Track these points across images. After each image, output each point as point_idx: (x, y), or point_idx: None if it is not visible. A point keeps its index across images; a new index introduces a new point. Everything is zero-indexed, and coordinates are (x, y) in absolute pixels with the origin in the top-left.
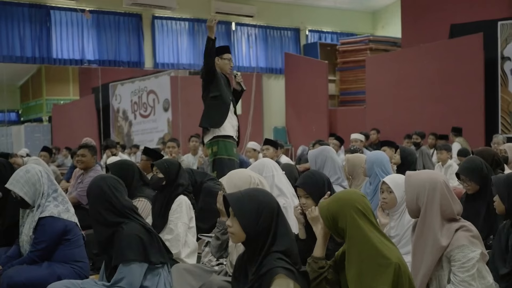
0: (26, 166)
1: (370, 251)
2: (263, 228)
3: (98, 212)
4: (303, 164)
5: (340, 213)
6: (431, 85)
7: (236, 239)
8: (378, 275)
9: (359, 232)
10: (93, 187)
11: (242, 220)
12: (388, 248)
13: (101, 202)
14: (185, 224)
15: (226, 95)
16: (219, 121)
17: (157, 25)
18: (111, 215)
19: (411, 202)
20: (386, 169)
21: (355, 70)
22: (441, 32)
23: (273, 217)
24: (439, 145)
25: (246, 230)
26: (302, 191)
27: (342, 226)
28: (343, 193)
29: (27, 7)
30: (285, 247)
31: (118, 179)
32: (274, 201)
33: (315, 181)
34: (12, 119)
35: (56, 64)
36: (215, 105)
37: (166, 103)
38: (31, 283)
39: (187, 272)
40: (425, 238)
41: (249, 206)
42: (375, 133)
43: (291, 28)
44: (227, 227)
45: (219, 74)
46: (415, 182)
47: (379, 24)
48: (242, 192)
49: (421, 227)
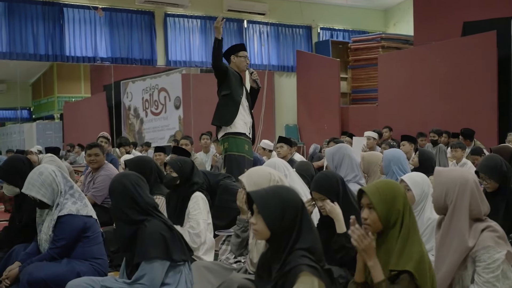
0: (38, 168)
1: (415, 235)
2: (288, 225)
3: (121, 210)
4: (316, 162)
5: (399, 195)
6: (444, 83)
7: (260, 237)
8: (407, 258)
9: (413, 215)
10: (115, 184)
11: (267, 218)
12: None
13: (125, 200)
14: (205, 221)
15: (236, 93)
16: (229, 119)
17: (169, 22)
18: (134, 213)
19: (439, 199)
20: (403, 167)
21: (367, 68)
22: (453, 30)
23: (297, 214)
24: (454, 143)
25: (271, 228)
26: (318, 194)
27: (400, 208)
28: (387, 180)
29: (40, 4)
30: (309, 244)
31: (140, 176)
32: (298, 198)
33: (329, 182)
34: (24, 117)
35: (69, 61)
36: (225, 103)
37: (177, 101)
38: (51, 279)
39: (206, 269)
40: (451, 236)
41: (274, 203)
42: (388, 131)
43: (302, 26)
44: (251, 224)
45: (231, 72)
46: (445, 178)
47: (391, 22)
48: (266, 189)
49: (448, 225)
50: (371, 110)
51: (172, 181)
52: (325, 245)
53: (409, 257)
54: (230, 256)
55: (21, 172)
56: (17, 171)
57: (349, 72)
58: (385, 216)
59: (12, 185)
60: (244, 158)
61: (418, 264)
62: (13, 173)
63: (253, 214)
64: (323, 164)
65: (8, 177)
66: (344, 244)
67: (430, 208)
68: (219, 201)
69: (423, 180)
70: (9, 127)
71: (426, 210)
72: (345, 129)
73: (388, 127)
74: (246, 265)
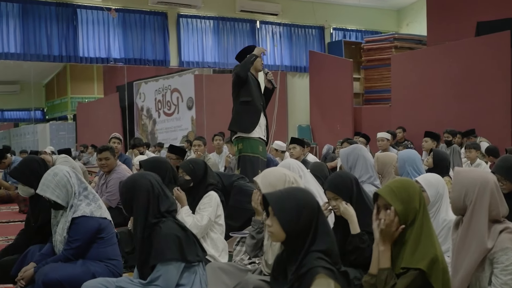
0: (53, 169)
1: (428, 236)
2: (303, 227)
3: (142, 209)
4: (329, 163)
5: (416, 194)
6: (457, 84)
7: (276, 239)
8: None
9: (426, 216)
10: (141, 182)
11: (282, 220)
12: (437, 241)
13: (150, 199)
14: (210, 220)
15: (257, 100)
16: (250, 127)
17: (182, 23)
18: (155, 213)
19: (458, 199)
20: (418, 168)
21: (380, 68)
22: (467, 30)
23: (313, 216)
24: (468, 143)
25: (286, 230)
26: (331, 194)
27: (417, 206)
28: (403, 179)
29: (54, 6)
30: (325, 247)
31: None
32: (314, 200)
33: (343, 182)
34: (38, 117)
35: (83, 62)
36: (245, 111)
37: (190, 102)
38: (66, 280)
39: (221, 270)
40: (470, 238)
41: (289, 205)
42: (401, 132)
43: (315, 26)
44: (267, 226)
45: (250, 77)
46: (465, 179)
47: (404, 22)
48: (282, 191)
49: (466, 226)
50: (384, 110)
51: (185, 184)
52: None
53: (422, 257)
54: (245, 257)
55: (36, 173)
56: (32, 172)
57: (362, 73)
58: (403, 215)
59: (27, 186)
60: (258, 159)
61: (431, 264)
62: (28, 174)
63: (268, 215)
64: (336, 165)
65: (23, 178)
66: (358, 245)
67: (446, 209)
68: (233, 202)
69: (437, 181)
70: (23, 127)
71: (441, 211)
72: (358, 130)
73: (401, 127)
74: (261, 266)
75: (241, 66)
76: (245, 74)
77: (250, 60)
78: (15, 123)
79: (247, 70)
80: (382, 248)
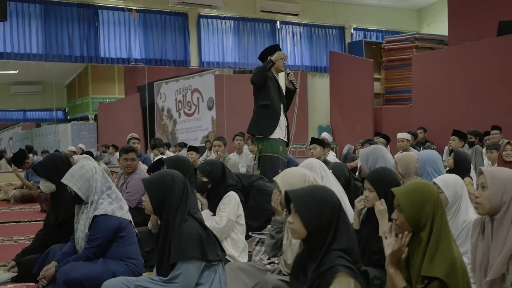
0: (82, 162)
1: (446, 239)
2: (325, 225)
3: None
4: (350, 163)
5: (430, 198)
6: (479, 84)
7: (297, 236)
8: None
9: (445, 219)
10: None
11: (304, 217)
12: (454, 243)
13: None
14: (230, 220)
15: (276, 103)
16: (269, 130)
17: (202, 24)
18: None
19: (496, 197)
20: (439, 168)
21: (401, 68)
22: (488, 29)
23: (335, 214)
24: (489, 144)
25: (307, 227)
26: (368, 184)
27: (430, 211)
28: (419, 181)
29: (75, 7)
30: (346, 245)
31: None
32: (336, 198)
33: (383, 177)
34: (60, 117)
35: (104, 63)
36: (265, 114)
37: (210, 102)
38: (87, 279)
39: (241, 270)
40: (499, 236)
41: (311, 203)
42: (422, 132)
43: (335, 26)
44: (288, 223)
45: (270, 79)
46: (501, 176)
47: (425, 22)
48: (304, 189)
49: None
50: (404, 110)
51: (202, 185)
52: (364, 240)
53: (441, 263)
54: (264, 257)
55: (58, 167)
56: (55, 166)
57: (383, 73)
58: (413, 219)
59: (49, 180)
60: (278, 159)
61: (449, 271)
62: (50, 168)
63: (290, 213)
64: (357, 165)
65: (44, 172)
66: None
67: (465, 210)
68: (253, 201)
69: (455, 181)
70: (45, 128)
71: (461, 212)
72: (378, 130)
73: (422, 128)
74: (280, 266)
75: (256, 74)
76: (259, 81)
77: (266, 66)
78: (37, 123)
79: (262, 77)
80: (391, 271)
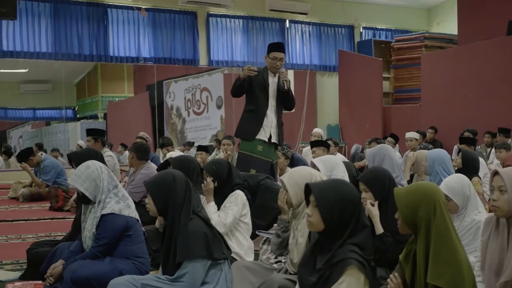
0: (87, 162)
1: (447, 244)
2: (344, 220)
3: (178, 206)
4: (357, 162)
5: (425, 201)
6: (488, 83)
7: (313, 228)
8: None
9: (445, 223)
10: (176, 178)
11: (324, 211)
12: (459, 245)
13: (186, 196)
14: (235, 218)
15: (261, 110)
16: (251, 134)
17: (211, 22)
18: (188, 211)
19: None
20: (448, 168)
21: (410, 67)
22: (498, 28)
23: (355, 210)
24: (498, 143)
25: (326, 221)
26: (363, 185)
27: (424, 215)
28: (423, 183)
29: (85, 5)
30: (360, 240)
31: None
32: (356, 193)
33: (376, 176)
34: (69, 116)
35: (113, 61)
36: (249, 118)
37: (219, 101)
38: (94, 277)
39: (247, 269)
40: None
41: (333, 197)
42: (433, 132)
43: (345, 25)
44: (306, 216)
45: (255, 83)
46: None
47: (435, 21)
48: (325, 183)
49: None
50: (413, 110)
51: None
52: None
53: (444, 269)
54: (271, 256)
55: (91, 158)
56: (88, 158)
57: (392, 72)
58: (410, 220)
59: None
60: (252, 158)
61: (454, 277)
62: (84, 159)
63: (308, 205)
64: (364, 164)
65: (77, 161)
66: (378, 246)
67: (473, 210)
68: (260, 200)
69: (461, 184)
70: (54, 126)
71: (468, 212)
72: (387, 129)
73: (433, 127)
74: (287, 265)
75: (232, 88)
76: (235, 95)
77: (236, 83)
78: (46, 122)
79: (237, 91)
80: None
